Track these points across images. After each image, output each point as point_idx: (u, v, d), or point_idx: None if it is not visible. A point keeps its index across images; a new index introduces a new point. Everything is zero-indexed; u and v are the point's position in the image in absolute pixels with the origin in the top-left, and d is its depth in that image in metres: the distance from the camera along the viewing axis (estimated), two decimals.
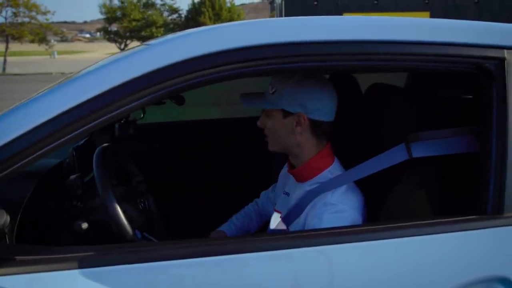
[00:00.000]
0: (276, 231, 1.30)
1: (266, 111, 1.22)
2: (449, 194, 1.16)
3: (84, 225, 1.08)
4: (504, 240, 0.93)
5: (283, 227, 1.26)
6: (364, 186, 1.24)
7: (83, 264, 0.80)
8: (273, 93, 1.19)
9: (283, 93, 1.17)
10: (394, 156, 1.11)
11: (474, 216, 0.94)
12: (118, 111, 0.88)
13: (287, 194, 1.31)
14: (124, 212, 1.18)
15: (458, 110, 1.32)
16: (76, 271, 0.80)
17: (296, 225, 1.19)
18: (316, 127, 1.19)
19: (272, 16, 24.04)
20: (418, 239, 0.91)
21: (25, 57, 30.38)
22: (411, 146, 1.10)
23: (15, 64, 21.50)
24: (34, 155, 0.83)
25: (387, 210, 1.11)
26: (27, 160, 0.83)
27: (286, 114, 1.18)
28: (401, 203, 1.11)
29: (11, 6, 23.24)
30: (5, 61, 20.09)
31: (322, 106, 1.18)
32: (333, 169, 1.22)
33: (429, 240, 0.91)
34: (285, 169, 1.40)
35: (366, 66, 1.01)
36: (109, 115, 0.87)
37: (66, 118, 0.84)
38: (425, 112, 1.90)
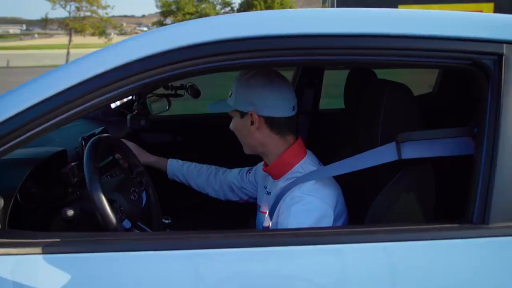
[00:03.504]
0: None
1: (230, 114, 1.25)
2: (444, 200, 1.09)
3: (70, 212, 1.11)
4: (485, 252, 0.85)
5: (268, 226, 1.25)
6: (355, 184, 1.19)
7: (47, 249, 0.83)
8: (230, 96, 1.22)
9: (236, 94, 1.20)
10: (382, 155, 1.05)
11: (456, 225, 0.87)
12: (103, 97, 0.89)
13: (269, 193, 1.31)
14: (113, 201, 1.21)
15: None
16: (40, 256, 0.83)
17: (274, 222, 1.18)
18: (272, 124, 1.18)
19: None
20: (390, 245, 0.85)
21: (86, 50, 31.96)
22: (402, 146, 1.03)
23: (77, 56, 22.66)
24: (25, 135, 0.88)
25: (372, 212, 1.05)
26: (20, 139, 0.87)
27: (242, 114, 1.20)
28: (388, 206, 1.05)
29: (74, 1, 24.62)
30: (68, 53, 21.31)
31: (271, 103, 1.16)
32: (304, 164, 1.21)
33: (401, 247, 0.85)
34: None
35: (351, 61, 0.96)
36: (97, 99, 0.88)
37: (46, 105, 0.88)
38: (456, 112, 1.79)
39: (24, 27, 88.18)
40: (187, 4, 27.66)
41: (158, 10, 30.39)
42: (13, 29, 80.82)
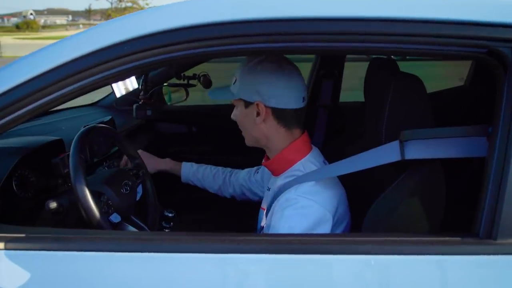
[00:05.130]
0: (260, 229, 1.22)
1: (233, 102, 1.15)
2: (454, 207, 0.97)
3: (52, 205, 1.08)
4: (488, 272, 0.73)
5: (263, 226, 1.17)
6: (361, 185, 1.09)
7: (9, 245, 0.79)
8: (234, 83, 1.12)
9: (241, 81, 1.09)
10: (384, 155, 0.95)
11: (458, 238, 0.75)
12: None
13: (269, 189, 1.22)
14: (101, 194, 1.16)
15: None
16: (2, 252, 0.79)
17: (267, 224, 1.09)
18: (279, 115, 1.08)
19: None
20: (380, 259, 0.75)
21: None
22: (405, 145, 0.92)
23: None
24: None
25: (371, 217, 0.95)
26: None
27: (247, 104, 1.09)
28: (388, 210, 0.94)
29: None
30: None
31: (280, 93, 1.06)
32: (306, 162, 1.10)
33: (392, 261, 0.75)
34: None
35: (345, 48, 0.85)
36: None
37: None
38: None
39: (70, 17, 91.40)
40: None
41: None
42: (59, 20, 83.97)
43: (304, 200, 1.00)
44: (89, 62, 0.77)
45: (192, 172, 1.54)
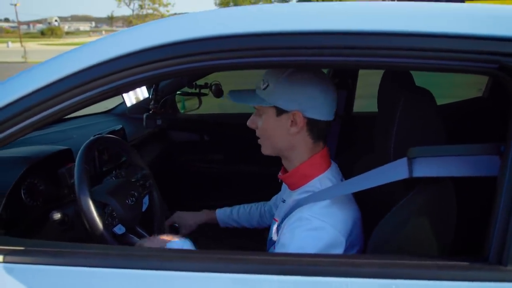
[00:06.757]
0: (271, 242, 1.19)
1: (257, 109, 1.10)
2: (464, 229, 0.93)
3: (56, 216, 1.08)
4: None
5: (276, 237, 1.14)
6: (371, 205, 1.06)
7: (8, 258, 0.79)
8: (264, 88, 1.06)
9: (276, 88, 1.04)
10: (392, 172, 0.91)
11: (465, 263, 0.72)
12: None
13: (284, 201, 1.18)
14: (105, 205, 1.16)
15: None
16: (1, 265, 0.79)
17: (278, 240, 1.06)
18: (312, 127, 1.05)
19: None
20: (381, 283, 0.72)
21: None
22: (413, 162, 0.89)
23: None
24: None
25: (376, 236, 0.91)
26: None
27: (280, 112, 1.05)
28: (393, 230, 0.90)
29: None
30: None
31: (318, 104, 1.03)
32: (324, 178, 1.06)
33: (395, 286, 0.71)
34: None
35: (344, 62, 0.82)
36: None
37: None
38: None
39: (93, 24, 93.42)
40: (244, 1, 27.90)
41: (217, 8, 30.98)
42: (83, 26, 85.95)
43: (317, 221, 0.96)
44: (89, 76, 0.77)
45: (227, 215, 1.53)
